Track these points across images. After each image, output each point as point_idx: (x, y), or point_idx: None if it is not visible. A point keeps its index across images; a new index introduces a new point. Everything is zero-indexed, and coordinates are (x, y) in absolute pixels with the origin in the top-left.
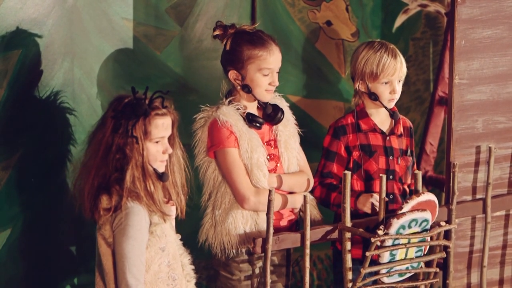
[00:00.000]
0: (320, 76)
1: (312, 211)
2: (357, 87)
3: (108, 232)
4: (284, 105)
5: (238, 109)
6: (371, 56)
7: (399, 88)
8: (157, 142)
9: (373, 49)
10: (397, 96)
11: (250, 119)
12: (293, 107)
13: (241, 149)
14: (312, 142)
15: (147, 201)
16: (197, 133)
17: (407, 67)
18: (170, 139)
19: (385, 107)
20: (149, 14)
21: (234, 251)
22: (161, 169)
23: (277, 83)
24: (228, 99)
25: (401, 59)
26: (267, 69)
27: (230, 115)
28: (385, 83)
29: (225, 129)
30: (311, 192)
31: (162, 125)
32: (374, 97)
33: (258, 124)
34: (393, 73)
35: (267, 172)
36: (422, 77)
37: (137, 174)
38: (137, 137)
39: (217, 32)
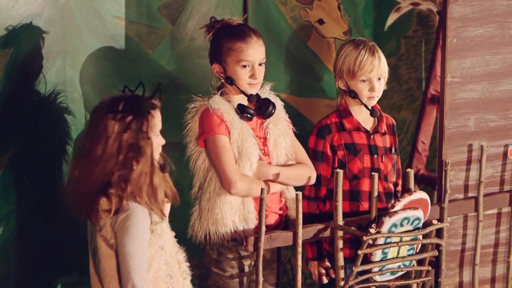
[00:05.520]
0: (312, 75)
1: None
2: (337, 85)
3: (109, 234)
4: (278, 103)
5: (229, 101)
6: (349, 53)
7: (379, 86)
8: (157, 135)
9: (352, 46)
10: (377, 94)
11: (241, 110)
12: (285, 106)
13: (232, 139)
14: (304, 141)
15: (149, 199)
16: (188, 122)
17: (399, 65)
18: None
19: (365, 105)
20: (141, 13)
21: (220, 241)
22: (160, 161)
23: (257, 76)
24: (220, 91)
25: (379, 56)
26: (245, 61)
27: (222, 104)
28: (364, 80)
29: (216, 117)
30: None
31: (159, 118)
32: (353, 95)
33: (249, 115)
34: (370, 70)
35: (255, 163)
36: (414, 75)
37: (146, 169)
38: (147, 132)
39: (204, 27)
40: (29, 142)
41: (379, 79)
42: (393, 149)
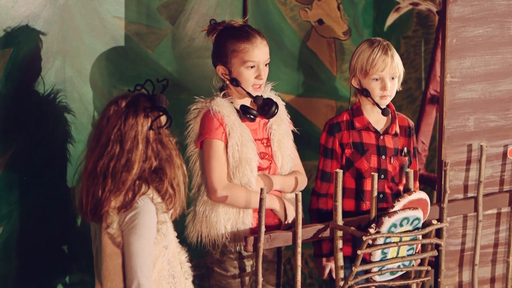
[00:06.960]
0: (311, 75)
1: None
2: (351, 83)
3: (117, 232)
4: (280, 103)
5: (232, 102)
6: (363, 51)
7: (392, 85)
8: None
9: (366, 45)
10: (389, 93)
11: (244, 111)
12: (285, 106)
13: (231, 142)
14: (304, 141)
15: (176, 193)
16: (190, 123)
17: None
18: None
19: (376, 104)
20: (141, 13)
21: (211, 245)
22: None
23: (263, 77)
24: (223, 92)
25: (392, 55)
26: (251, 61)
27: (223, 107)
28: (376, 79)
29: (216, 120)
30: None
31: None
32: (365, 93)
33: (252, 116)
34: (383, 69)
35: (256, 167)
36: (413, 75)
37: (177, 162)
38: (166, 127)
39: (206, 29)
40: (29, 142)
41: (393, 78)
42: (405, 151)
